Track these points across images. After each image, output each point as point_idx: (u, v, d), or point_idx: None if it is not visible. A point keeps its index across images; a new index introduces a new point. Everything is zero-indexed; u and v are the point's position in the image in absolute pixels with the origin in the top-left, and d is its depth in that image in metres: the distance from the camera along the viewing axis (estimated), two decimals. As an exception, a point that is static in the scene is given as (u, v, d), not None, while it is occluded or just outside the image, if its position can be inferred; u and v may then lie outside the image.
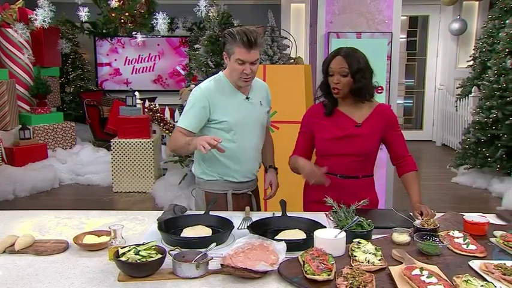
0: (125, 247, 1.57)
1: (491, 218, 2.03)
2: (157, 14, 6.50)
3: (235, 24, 5.36)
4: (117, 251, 1.55)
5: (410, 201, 2.17)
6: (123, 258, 1.51)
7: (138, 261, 1.50)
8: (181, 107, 6.87)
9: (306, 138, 2.34)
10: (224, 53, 2.21)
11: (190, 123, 2.23)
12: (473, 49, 8.29)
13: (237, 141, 2.25)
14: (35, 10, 6.18)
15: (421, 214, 2.03)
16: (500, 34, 6.45)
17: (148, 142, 5.82)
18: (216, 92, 2.24)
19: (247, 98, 2.29)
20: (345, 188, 2.23)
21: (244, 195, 2.37)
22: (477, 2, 8.49)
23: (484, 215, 1.94)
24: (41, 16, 5.97)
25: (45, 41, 7.43)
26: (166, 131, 6.32)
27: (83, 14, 6.24)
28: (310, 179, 2.14)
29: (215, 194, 2.31)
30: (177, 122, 6.42)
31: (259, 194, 2.52)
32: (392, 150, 2.30)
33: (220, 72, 2.33)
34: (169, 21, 6.59)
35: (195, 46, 7.16)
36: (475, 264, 1.55)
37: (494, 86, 6.03)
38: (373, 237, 1.80)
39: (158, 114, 6.26)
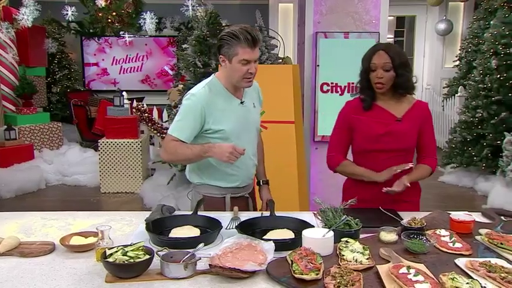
0: (112, 248, 1.56)
1: (477, 216, 2.06)
2: (144, 13, 6.46)
3: (223, 24, 5.35)
4: (105, 252, 1.53)
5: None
6: (110, 259, 1.50)
7: (126, 262, 1.49)
8: (169, 107, 6.85)
9: (343, 135, 2.33)
10: (221, 56, 2.11)
11: (185, 133, 2.13)
12: (459, 49, 8.40)
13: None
14: (19, 9, 6.11)
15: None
16: (485, 35, 6.54)
17: (136, 142, 5.79)
18: (210, 99, 2.14)
19: (241, 102, 2.23)
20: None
21: (242, 198, 2.34)
22: (462, 3, 8.59)
23: (469, 213, 1.96)
24: (25, 15, 5.89)
25: (30, 40, 7.34)
26: (155, 131, 6.29)
27: (69, 13, 6.17)
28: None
29: (213, 198, 2.26)
30: (165, 122, 6.46)
31: (255, 194, 2.48)
32: (420, 147, 2.29)
33: (213, 76, 2.24)
34: (156, 21, 6.56)
35: (183, 46, 7.14)
36: (461, 262, 1.56)
37: (480, 85, 6.12)
38: (361, 236, 1.81)
39: (146, 115, 6.23)
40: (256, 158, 2.37)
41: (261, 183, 2.47)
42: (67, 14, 6.30)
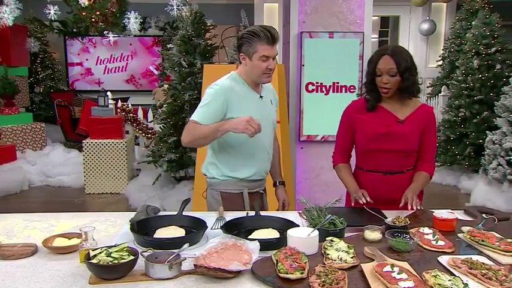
0: (96, 249, 1.55)
1: (459, 214, 2.09)
2: (128, 13, 6.40)
3: (208, 24, 5.33)
4: (88, 253, 1.52)
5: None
6: (94, 261, 1.48)
7: (110, 263, 1.47)
8: (154, 107, 6.81)
9: (346, 134, 2.36)
10: (241, 54, 2.21)
11: (205, 118, 2.15)
12: (442, 49, 8.50)
13: (254, 139, 2.16)
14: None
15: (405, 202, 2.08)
16: (467, 35, 6.64)
17: (121, 143, 5.75)
18: (233, 90, 2.22)
19: (260, 96, 2.31)
20: (391, 184, 2.24)
21: (257, 193, 2.37)
22: (445, 4, 8.70)
23: (452, 211, 1.99)
24: (6, 14, 5.79)
25: (12, 39, 7.22)
26: (140, 131, 6.25)
27: (52, 12, 6.08)
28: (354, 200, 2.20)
29: (231, 193, 2.29)
30: (150, 122, 6.41)
31: (266, 192, 2.50)
32: (419, 151, 2.28)
33: (233, 72, 2.30)
34: (141, 20, 6.50)
35: (168, 46, 7.09)
36: (444, 259, 1.58)
37: (462, 85, 6.21)
38: (346, 235, 1.82)
39: (131, 115, 6.19)
40: (272, 152, 2.41)
41: (277, 184, 2.51)
42: (49, 13, 6.20)
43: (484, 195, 5.12)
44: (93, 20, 6.78)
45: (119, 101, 6.45)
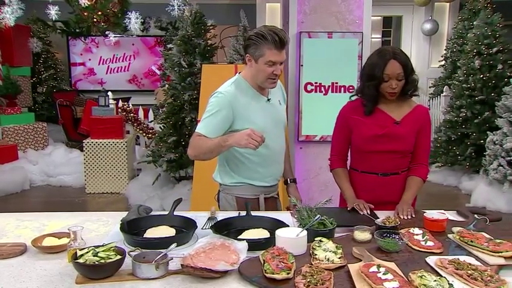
0: (83, 249, 1.55)
1: (452, 215, 2.08)
2: (130, 13, 6.41)
3: (208, 24, 5.34)
4: (76, 252, 1.52)
5: (401, 198, 2.19)
6: (80, 260, 1.48)
7: (96, 262, 1.48)
8: (156, 107, 6.83)
9: (342, 136, 2.33)
10: (248, 55, 2.11)
11: (210, 129, 2.07)
12: (445, 49, 8.48)
13: (266, 146, 2.07)
14: (1, 8, 6.03)
15: (398, 213, 2.06)
16: (468, 35, 6.61)
17: (121, 142, 5.76)
18: (238, 98, 2.12)
19: (268, 99, 2.22)
20: (387, 185, 2.24)
21: (272, 198, 2.33)
22: (448, 4, 8.66)
23: (443, 211, 1.98)
24: (8, 14, 5.83)
25: (14, 39, 7.27)
26: (140, 131, 6.26)
27: (53, 12, 6.11)
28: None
29: (246, 198, 2.22)
30: (151, 122, 6.43)
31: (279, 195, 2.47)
32: (413, 152, 2.27)
33: (238, 75, 2.21)
34: (142, 20, 6.51)
35: (168, 46, 7.11)
36: (431, 260, 1.58)
37: (464, 85, 6.18)
38: (336, 235, 1.82)
39: (132, 115, 6.21)
40: (284, 153, 2.37)
41: (289, 182, 2.46)
42: (51, 13, 6.22)
43: (484, 196, 5.10)
44: (94, 20, 6.80)
45: (120, 100, 6.48)
